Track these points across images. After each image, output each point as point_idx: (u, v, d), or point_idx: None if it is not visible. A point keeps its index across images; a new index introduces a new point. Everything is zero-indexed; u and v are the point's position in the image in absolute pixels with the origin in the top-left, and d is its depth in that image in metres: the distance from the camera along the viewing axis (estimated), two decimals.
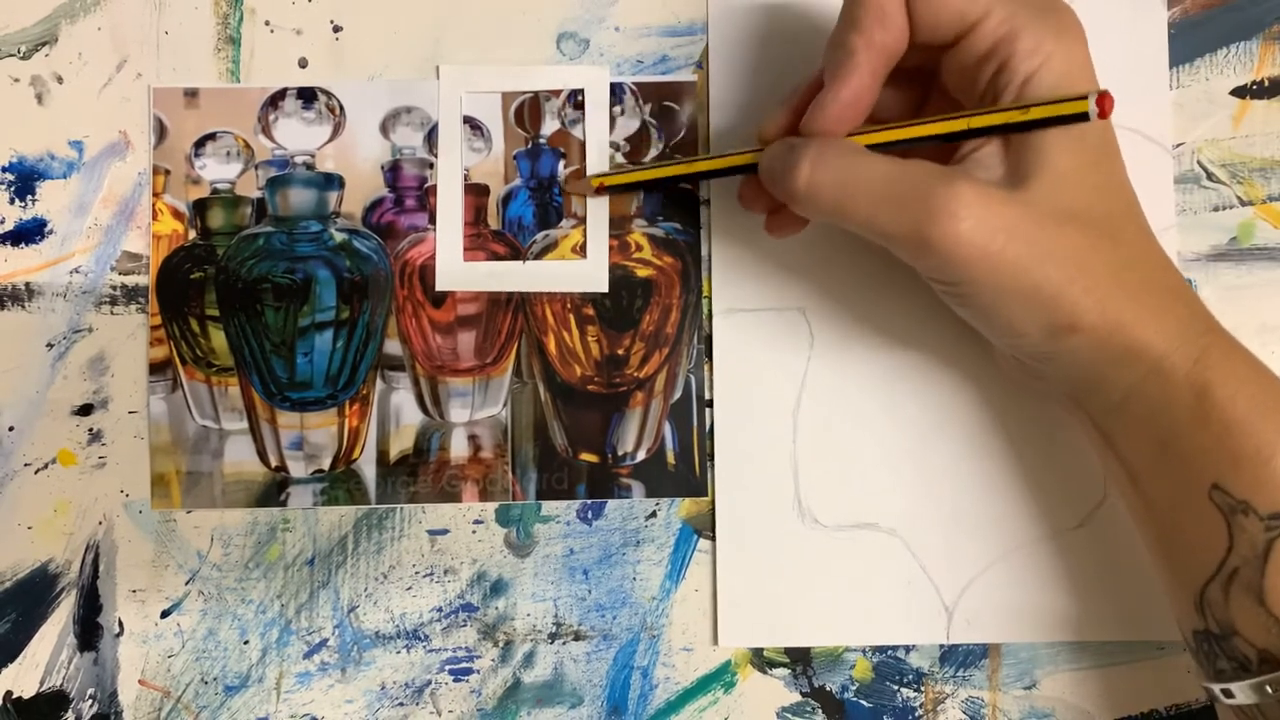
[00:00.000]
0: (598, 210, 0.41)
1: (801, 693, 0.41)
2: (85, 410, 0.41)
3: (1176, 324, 0.32)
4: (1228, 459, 0.32)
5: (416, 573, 0.41)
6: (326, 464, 0.41)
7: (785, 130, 0.36)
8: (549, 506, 0.41)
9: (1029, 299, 0.32)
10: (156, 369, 0.41)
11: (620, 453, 0.41)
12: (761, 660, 0.41)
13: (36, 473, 0.41)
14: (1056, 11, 0.33)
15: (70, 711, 0.40)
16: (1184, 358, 0.32)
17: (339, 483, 0.41)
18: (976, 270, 0.32)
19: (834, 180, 0.33)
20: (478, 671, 0.41)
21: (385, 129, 0.41)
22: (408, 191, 0.41)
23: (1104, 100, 0.32)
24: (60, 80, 0.41)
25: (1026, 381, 0.37)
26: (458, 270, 0.41)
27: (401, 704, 0.41)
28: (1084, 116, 0.32)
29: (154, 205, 0.41)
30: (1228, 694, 0.33)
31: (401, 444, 0.41)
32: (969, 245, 0.31)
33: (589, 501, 0.41)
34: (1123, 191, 0.34)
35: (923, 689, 0.41)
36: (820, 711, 0.41)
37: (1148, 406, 0.33)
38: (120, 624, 0.41)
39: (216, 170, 0.41)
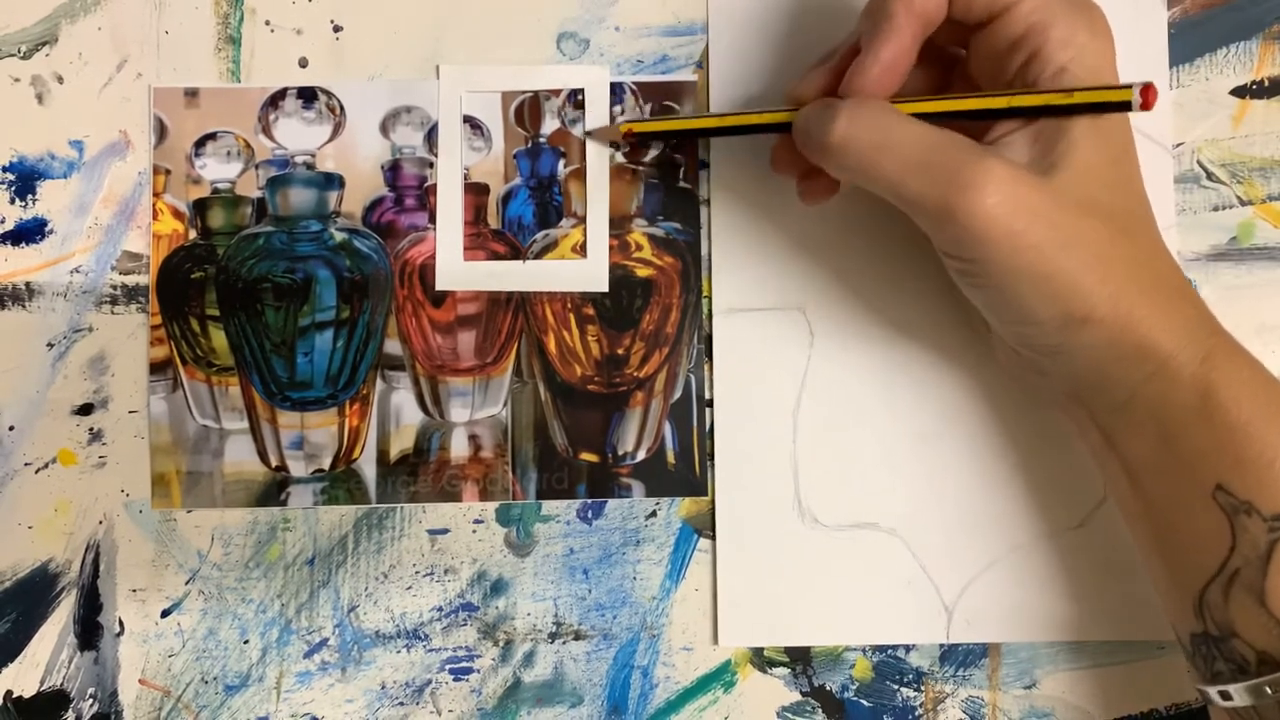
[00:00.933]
0: (598, 209, 0.41)
1: (801, 692, 0.41)
2: (85, 410, 0.41)
3: (1184, 324, 0.33)
4: (1231, 460, 0.32)
5: (417, 572, 0.41)
6: (327, 463, 0.41)
7: (820, 93, 0.36)
8: (549, 506, 0.41)
9: (1045, 284, 0.32)
10: (157, 369, 0.41)
11: (620, 452, 0.41)
12: (761, 660, 0.41)
13: (37, 472, 0.41)
14: (1089, 9, 0.34)
15: (70, 711, 0.40)
16: (1190, 358, 0.32)
17: (339, 482, 0.41)
18: (996, 249, 0.32)
19: (868, 137, 0.33)
20: (478, 671, 0.41)
21: (385, 128, 0.41)
22: (408, 191, 0.41)
23: (1148, 91, 0.32)
24: (60, 80, 0.41)
25: (1027, 378, 0.37)
26: (458, 270, 0.41)
27: (402, 703, 0.41)
28: (1126, 106, 0.32)
29: (154, 205, 0.41)
30: (1225, 696, 0.33)
31: (402, 443, 0.41)
32: (993, 221, 0.31)
33: (589, 501, 0.41)
34: (1138, 190, 0.34)
35: (923, 688, 0.41)
36: (820, 711, 0.41)
37: (1152, 406, 0.33)
38: (120, 623, 0.41)
39: (217, 170, 0.41)
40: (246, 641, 0.41)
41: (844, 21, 0.37)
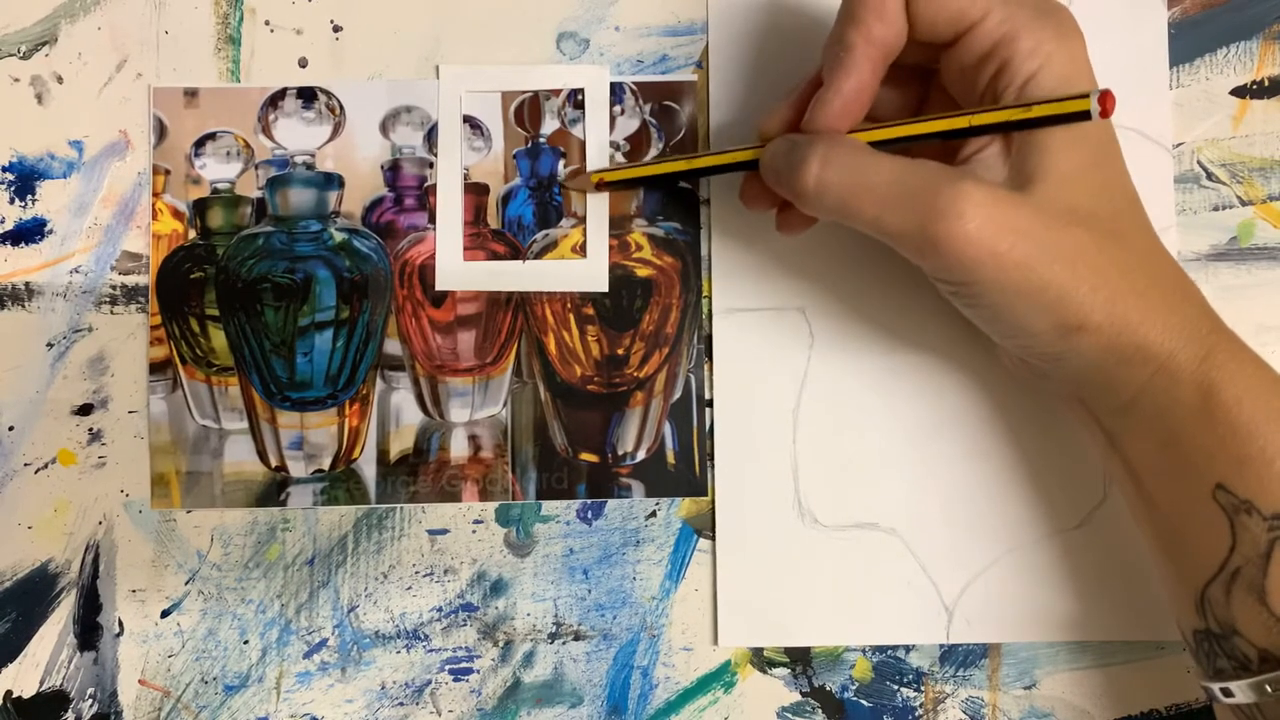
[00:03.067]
0: (598, 210, 0.41)
1: (801, 692, 0.41)
2: (85, 410, 0.41)
3: (1183, 322, 0.32)
4: (1232, 459, 0.32)
5: (416, 572, 0.41)
6: (326, 464, 0.41)
7: (786, 127, 0.36)
8: (549, 506, 0.41)
9: (1036, 299, 0.32)
10: (156, 369, 0.41)
11: (620, 452, 0.41)
12: (761, 660, 0.41)
13: (36, 472, 0.41)
14: (1055, 13, 0.33)
15: (70, 711, 0.40)
16: (1190, 356, 0.32)
17: (339, 482, 0.41)
18: (983, 271, 0.32)
19: (842, 179, 0.33)
20: (478, 671, 0.41)
21: (385, 128, 0.41)
22: (407, 191, 0.41)
23: (1106, 99, 0.32)
24: (60, 80, 0.41)
25: (1032, 381, 0.37)
26: (457, 270, 0.41)
27: (401, 704, 0.41)
28: (1086, 115, 0.32)
29: (154, 205, 0.41)
30: (1227, 693, 0.33)
31: (401, 444, 0.41)
32: (976, 245, 0.31)
33: (589, 501, 0.41)
34: (1125, 190, 0.34)
35: (923, 689, 0.41)
36: (820, 711, 0.41)
37: (1154, 406, 0.33)
38: (120, 624, 0.41)
39: (216, 170, 0.41)
40: (246, 642, 0.41)
41: None
